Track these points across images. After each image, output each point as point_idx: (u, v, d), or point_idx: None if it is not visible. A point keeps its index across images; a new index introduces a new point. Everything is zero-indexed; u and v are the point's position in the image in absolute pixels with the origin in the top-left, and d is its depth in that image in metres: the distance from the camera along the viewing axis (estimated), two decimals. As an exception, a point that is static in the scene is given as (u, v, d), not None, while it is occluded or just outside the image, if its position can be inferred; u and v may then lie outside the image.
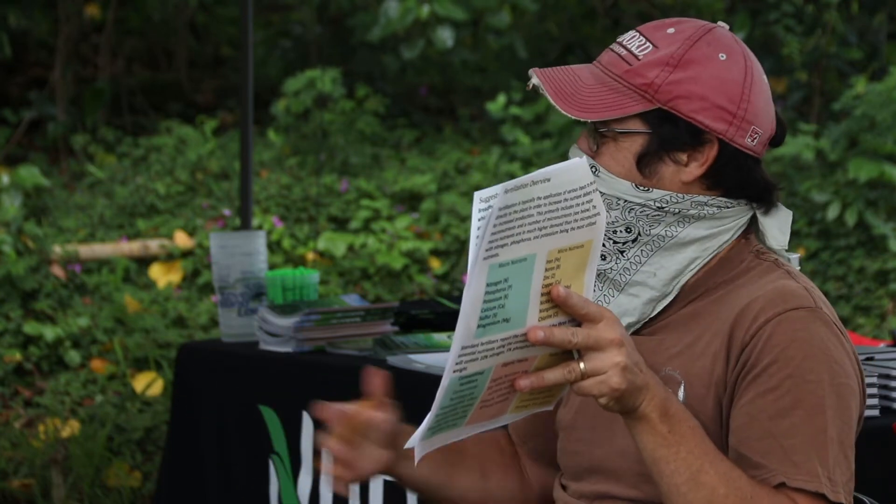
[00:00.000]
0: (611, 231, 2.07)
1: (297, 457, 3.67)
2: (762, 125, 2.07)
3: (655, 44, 2.06)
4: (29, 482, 5.33)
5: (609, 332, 1.81)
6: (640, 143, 2.05)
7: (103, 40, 9.36)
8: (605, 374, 1.81)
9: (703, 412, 2.00)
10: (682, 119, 2.03)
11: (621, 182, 2.05)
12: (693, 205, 2.05)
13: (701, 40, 2.06)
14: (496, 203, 1.70)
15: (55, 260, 6.73)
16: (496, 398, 1.84)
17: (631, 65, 2.05)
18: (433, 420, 1.80)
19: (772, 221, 2.11)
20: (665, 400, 1.88)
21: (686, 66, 2.04)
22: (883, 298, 6.69)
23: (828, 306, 2.03)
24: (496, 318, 1.75)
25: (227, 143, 8.25)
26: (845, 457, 1.95)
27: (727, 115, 2.04)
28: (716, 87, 2.03)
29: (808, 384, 1.94)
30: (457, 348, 1.74)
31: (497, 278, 1.73)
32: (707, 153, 2.05)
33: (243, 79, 4.91)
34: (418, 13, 8.17)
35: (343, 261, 7.31)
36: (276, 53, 9.65)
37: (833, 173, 7.10)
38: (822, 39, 7.79)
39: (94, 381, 6.20)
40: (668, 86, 2.03)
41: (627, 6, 9.61)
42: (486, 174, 7.89)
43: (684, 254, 2.07)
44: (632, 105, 2.04)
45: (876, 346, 3.48)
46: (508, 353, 1.79)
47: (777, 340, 1.96)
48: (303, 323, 3.71)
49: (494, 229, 1.71)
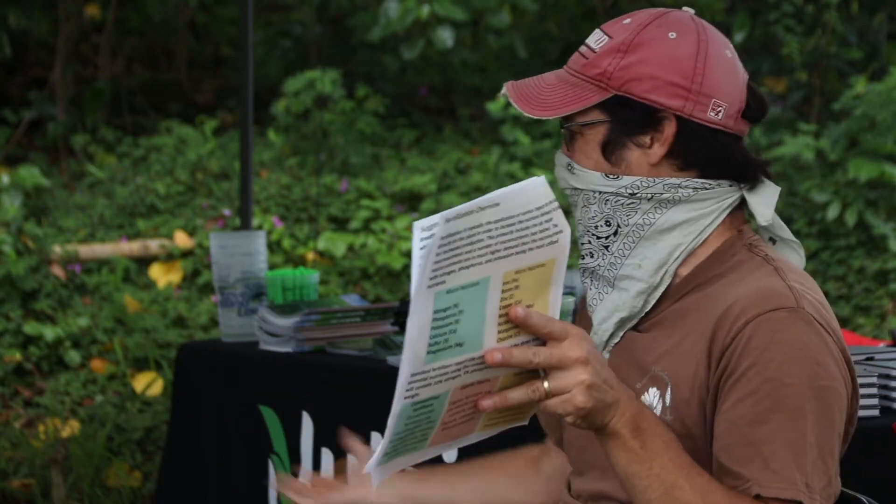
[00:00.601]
0: (592, 227, 2.08)
1: (296, 457, 3.67)
2: (725, 97, 2.05)
3: (611, 35, 2.08)
4: (29, 482, 5.33)
5: (574, 351, 1.78)
6: (602, 132, 2.06)
7: (103, 40, 9.36)
8: (569, 393, 1.79)
9: (689, 415, 1.99)
10: (637, 101, 2.04)
11: (592, 174, 2.07)
12: (666, 188, 2.05)
13: (652, 24, 2.07)
14: (438, 232, 1.67)
15: (55, 260, 6.73)
16: (459, 419, 1.82)
17: (588, 58, 2.08)
18: (388, 446, 1.77)
19: (757, 198, 2.09)
20: (637, 415, 1.86)
21: (636, 50, 2.05)
22: (883, 298, 6.69)
23: (816, 304, 1.99)
24: (447, 343, 1.73)
25: (227, 143, 8.25)
26: (823, 462, 1.92)
27: (681, 90, 2.04)
28: (666, 65, 2.04)
29: (787, 387, 1.91)
30: (405, 375, 1.72)
31: (446, 304, 1.71)
32: (666, 131, 2.05)
33: (243, 79, 4.91)
34: (418, 13, 8.17)
35: (343, 261, 7.31)
36: (276, 53, 9.65)
37: (833, 173, 7.10)
38: (822, 39, 7.79)
39: (94, 381, 6.20)
40: (619, 71, 2.04)
41: (627, 6, 9.61)
42: (486, 174, 7.89)
43: (667, 241, 2.07)
44: (589, 96, 2.05)
45: (876, 346, 3.47)
46: (466, 376, 1.77)
47: (756, 343, 1.93)
48: (303, 323, 3.71)
49: (438, 258, 1.68)
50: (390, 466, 1.82)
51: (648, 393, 2.03)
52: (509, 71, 9.03)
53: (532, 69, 9.21)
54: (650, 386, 2.04)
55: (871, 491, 2.11)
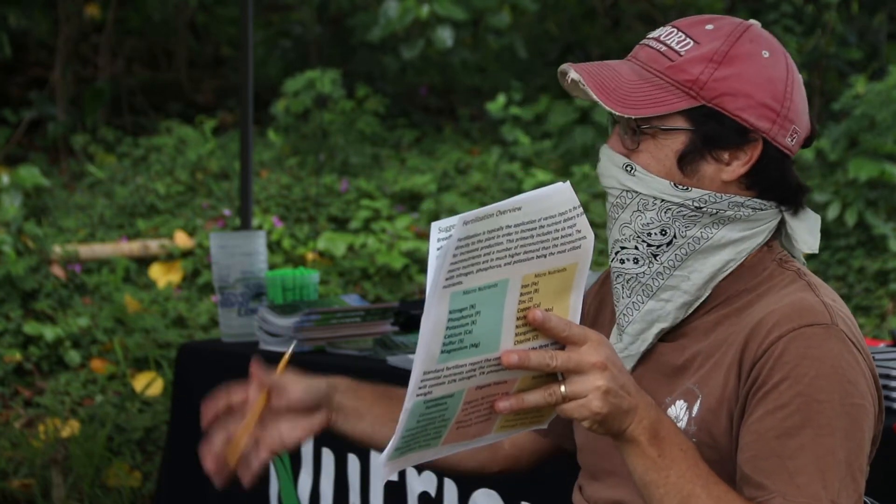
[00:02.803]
0: (645, 234, 2.03)
1: (297, 457, 3.67)
2: (801, 125, 2.04)
3: (696, 39, 2.02)
4: (29, 482, 5.33)
5: (592, 356, 1.78)
6: (682, 141, 2.01)
7: (103, 40, 9.37)
8: (585, 398, 1.78)
9: (716, 426, 1.98)
10: (728, 117, 1.99)
11: (660, 181, 2.02)
12: (730, 205, 2.02)
13: (743, 37, 2.02)
14: (455, 234, 1.67)
15: (55, 260, 6.73)
16: (475, 419, 1.82)
17: (673, 60, 2.01)
18: (399, 441, 1.77)
19: (801, 224, 2.07)
20: (655, 422, 1.85)
21: (731, 63, 2.00)
22: (883, 298, 6.69)
23: (848, 322, 1.98)
24: (462, 343, 1.73)
25: (227, 143, 8.25)
26: (853, 479, 1.91)
27: (771, 113, 2.00)
28: (761, 85, 2.00)
29: (818, 404, 1.90)
30: (418, 373, 1.72)
31: (462, 305, 1.71)
32: (751, 152, 2.01)
33: (243, 79, 4.91)
34: (418, 13, 8.17)
35: (343, 261, 7.31)
36: (276, 53, 9.66)
37: (833, 173, 7.10)
38: (822, 40, 7.80)
39: (94, 381, 6.20)
40: (713, 82, 1.99)
41: (627, 6, 9.61)
42: (486, 174, 7.90)
43: (718, 256, 2.04)
44: (676, 102, 1.99)
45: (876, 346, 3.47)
46: (481, 377, 1.77)
47: (789, 357, 1.92)
48: (303, 323, 3.71)
49: (454, 259, 1.68)
50: (402, 461, 1.82)
51: (676, 405, 2.02)
52: (509, 71, 9.03)
53: (532, 69, 9.23)
54: (679, 398, 2.02)
55: (871, 491, 2.11)
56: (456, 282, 1.70)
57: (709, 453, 1.94)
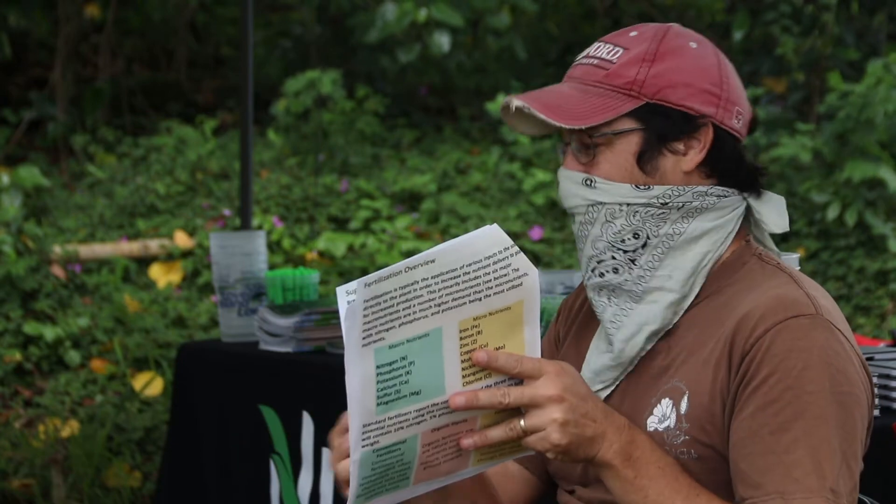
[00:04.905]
0: (618, 241, 2.05)
1: (297, 456, 3.67)
2: (743, 107, 2.08)
3: (624, 46, 2.07)
4: (29, 482, 5.33)
5: (547, 389, 1.81)
6: (637, 142, 2.04)
7: (103, 40, 9.36)
8: (544, 431, 1.82)
9: (711, 421, 1.98)
10: (673, 108, 2.04)
11: (621, 186, 2.04)
12: (695, 196, 2.04)
13: (668, 35, 2.07)
14: (357, 297, 1.69)
15: (55, 260, 6.73)
16: (443, 458, 1.84)
17: (607, 69, 2.05)
18: (358, 489, 1.79)
19: (767, 206, 2.10)
20: (627, 445, 1.88)
21: (663, 59, 2.05)
22: (883, 298, 6.69)
23: (832, 312, 2.00)
24: (400, 393, 1.75)
25: (227, 143, 8.25)
26: (848, 467, 1.92)
27: (713, 98, 2.05)
28: (697, 73, 2.05)
29: (809, 395, 1.91)
30: (357, 427, 1.74)
31: (391, 358, 1.73)
32: (703, 139, 2.05)
33: (243, 79, 4.92)
34: (415, 16, 8.17)
35: (343, 261, 7.31)
36: (276, 53, 9.65)
37: (832, 174, 7.10)
38: (818, 40, 7.80)
39: (94, 381, 6.20)
40: (651, 79, 2.04)
41: (627, 6, 9.61)
42: (486, 174, 7.90)
43: (696, 249, 2.06)
44: (621, 105, 2.03)
45: (876, 346, 3.47)
46: (434, 420, 1.78)
47: (776, 350, 1.93)
48: (303, 323, 3.71)
49: (367, 318, 1.70)
50: None
51: (661, 404, 2.02)
52: (509, 71, 9.03)
53: (532, 69, 9.22)
54: (663, 397, 2.03)
55: (871, 491, 2.11)
56: (377, 338, 1.72)
57: (703, 451, 1.96)
